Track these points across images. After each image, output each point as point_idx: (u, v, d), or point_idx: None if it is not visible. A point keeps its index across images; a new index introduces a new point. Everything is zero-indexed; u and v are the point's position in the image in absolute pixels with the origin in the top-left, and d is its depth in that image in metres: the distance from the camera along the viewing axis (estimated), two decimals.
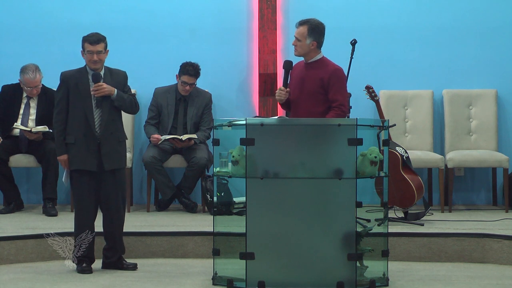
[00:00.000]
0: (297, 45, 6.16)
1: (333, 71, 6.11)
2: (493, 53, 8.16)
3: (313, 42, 6.12)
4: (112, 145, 5.93)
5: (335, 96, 6.06)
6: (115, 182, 5.94)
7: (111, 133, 5.93)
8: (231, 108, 8.19)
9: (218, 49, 8.23)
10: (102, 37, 5.97)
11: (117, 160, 5.96)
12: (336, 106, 6.04)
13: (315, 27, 6.14)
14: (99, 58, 5.93)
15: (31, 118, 7.68)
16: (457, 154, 7.75)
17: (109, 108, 5.93)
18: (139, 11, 8.26)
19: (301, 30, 6.14)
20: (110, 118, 5.94)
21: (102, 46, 5.95)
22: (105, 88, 5.89)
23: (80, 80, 5.94)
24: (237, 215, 6.95)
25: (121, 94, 5.97)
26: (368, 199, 5.97)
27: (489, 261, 6.37)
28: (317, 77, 6.09)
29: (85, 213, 5.90)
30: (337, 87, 6.09)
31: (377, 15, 8.20)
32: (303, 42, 6.13)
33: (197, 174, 7.62)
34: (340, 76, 6.13)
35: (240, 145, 5.50)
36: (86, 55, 5.95)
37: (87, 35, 5.99)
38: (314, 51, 6.16)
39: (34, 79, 7.58)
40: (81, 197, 5.91)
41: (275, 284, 5.42)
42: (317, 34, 6.13)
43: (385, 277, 5.63)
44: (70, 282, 5.69)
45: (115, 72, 6.05)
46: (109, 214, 5.96)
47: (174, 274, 5.99)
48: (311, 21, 6.17)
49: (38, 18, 8.23)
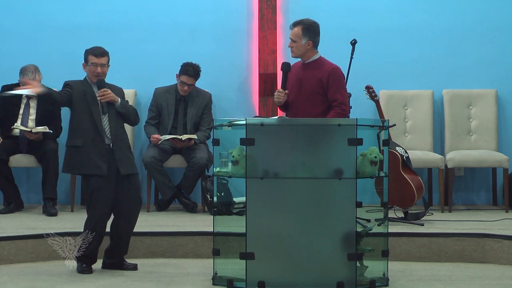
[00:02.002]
0: (293, 47, 6.16)
1: (331, 70, 6.10)
2: (493, 53, 8.16)
3: (309, 42, 6.12)
4: (123, 150, 5.95)
5: (335, 95, 6.06)
6: (130, 187, 5.93)
7: (120, 140, 5.94)
8: (231, 108, 8.19)
9: (218, 49, 8.23)
10: (106, 51, 5.98)
11: (130, 165, 5.97)
12: (337, 105, 6.04)
13: (309, 27, 6.13)
14: (102, 71, 5.93)
15: (31, 118, 7.68)
16: (457, 154, 7.75)
17: (115, 115, 5.94)
18: (139, 11, 8.26)
19: (295, 31, 6.14)
20: (118, 125, 5.96)
21: (106, 59, 5.96)
22: (110, 94, 5.90)
23: (86, 91, 5.94)
24: (237, 215, 6.95)
25: (124, 102, 6.00)
26: (368, 199, 5.97)
27: (489, 261, 6.37)
28: (316, 77, 6.09)
29: (99, 217, 5.86)
30: (336, 86, 6.09)
31: (377, 15, 8.20)
32: (299, 42, 6.13)
33: (197, 174, 7.62)
34: (339, 75, 6.13)
35: (240, 145, 5.50)
36: (89, 67, 5.94)
37: (91, 48, 5.98)
38: (310, 51, 6.15)
39: (34, 80, 7.57)
40: (96, 202, 5.85)
41: (275, 284, 5.43)
42: (312, 33, 6.12)
43: (385, 277, 5.63)
44: (70, 282, 5.69)
45: (113, 87, 6.06)
46: (121, 218, 5.94)
47: (174, 274, 5.99)
48: (304, 21, 6.16)
49: (38, 18, 8.24)
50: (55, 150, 7.59)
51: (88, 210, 5.91)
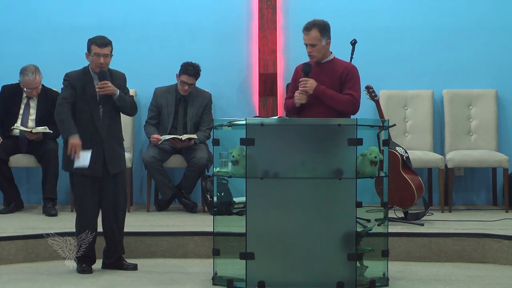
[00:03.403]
0: (313, 50, 6.02)
1: (350, 67, 6.05)
2: (493, 53, 8.16)
3: (328, 41, 6.06)
4: (114, 148, 5.93)
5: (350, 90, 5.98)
6: (117, 185, 5.94)
7: (113, 136, 5.93)
8: (231, 108, 8.19)
9: (218, 49, 8.23)
10: (109, 41, 5.92)
11: (119, 164, 5.96)
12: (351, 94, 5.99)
13: (325, 26, 6.04)
14: (105, 62, 5.89)
15: (31, 118, 7.68)
16: (457, 154, 7.75)
17: (111, 110, 5.92)
18: (139, 11, 8.26)
19: (313, 34, 6.01)
20: (113, 121, 5.93)
21: (109, 49, 5.90)
22: (110, 87, 5.86)
23: (86, 83, 5.90)
24: (237, 215, 6.95)
25: (122, 95, 5.95)
26: (368, 199, 5.96)
27: (489, 261, 6.37)
28: (335, 76, 6.01)
29: (87, 215, 5.89)
30: (353, 83, 6.01)
31: (377, 15, 8.20)
32: (319, 45, 6.01)
33: (197, 174, 7.62)
34: (356, 73, 6.07)
35: (240, 145, 5.50)
36: (92, 58, 5.89)
37: (94, 37, 5.92)
38: (328, 51, 6.11)
39: (34, 81, 7.58)
40: (83, 200, 5.89)
41: (275, 284, 5.43)
42: (328, 32, 6.06)
43: (385, 277, 5.63)
44: (70, 282, 5.69)
45: (115, 73, 6.01)
46: (109, 216, 5.95)
47: (174, 274, 5.99)
48: (318, 22, 6.05)
49: (38, 18, 8.24)
50: (55, 150, 7.59)
51: (77, 209, 5.93)
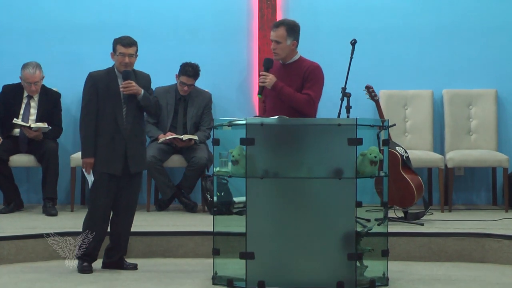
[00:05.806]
0: (277, 48, 6.08)
1: (312, 66, 6.07)
2: (493, 53, 8.16)
3: (293, 42, 6.09)
4: (137, 147, 5.92)
5: (307, 90, 6.02)
6: (133, 185, 5.94)
7: (136, 135, 5.92)
8: (231, 108, 8.19)
9: (218, 49, 8.23)
10: (134, 41, 5.93)
11: (140, 163, 5.96)
12: (307, 94, 6.02)
13: (293, 27, 6.10)
14: (130, 61, 5.89)
15: (32, 118, 7.68)
16: (457, 154, 7.75)
17: (135, 109, 5.91)
18: (139, 11, 8.26)
19: (279, 32, 6.07)
20: (136, 120, 5.92)
21: (134, 49, 5.90)
22: (134, 86, 5.85)
23: (110, 82, 5.88)
24: (237, 215, 6.95)
25: (146, 95, 5.94)
26: (368, 199, 5.96)
27: (489, 261, 6.37)
28: (299, 76, 6.06)
29: (99, 214, 5.87)
30: (312, 83, 6.04)
31: (377, 15, 8.20)
32: (284, 43, 6.08)
33: (197, 174, 7.62)
34: (318, 73, 6.09)
35: (240, 145, 5.50)
36: (117, 57, 5.89)
37: (120, 37, 5.92)
38: (293, 52, 6.13)
39: (34, 74, 7.59)
40: (99, 199, 5.86)
41: (275, 284, 5.42)
42: (296, 33, 6.10)
43: (385, 277, 5.63)
44: (70, 282, 5.68)
45: (139, 73, 6.02)
46: (119, 216, 5.94)
47: (174, 274, 5.98)
48: (287, 21, 6.12)
49: (38, 18, 8.23)
50: (55, 150, 7.59)
51: (90, 206, 5.91)
